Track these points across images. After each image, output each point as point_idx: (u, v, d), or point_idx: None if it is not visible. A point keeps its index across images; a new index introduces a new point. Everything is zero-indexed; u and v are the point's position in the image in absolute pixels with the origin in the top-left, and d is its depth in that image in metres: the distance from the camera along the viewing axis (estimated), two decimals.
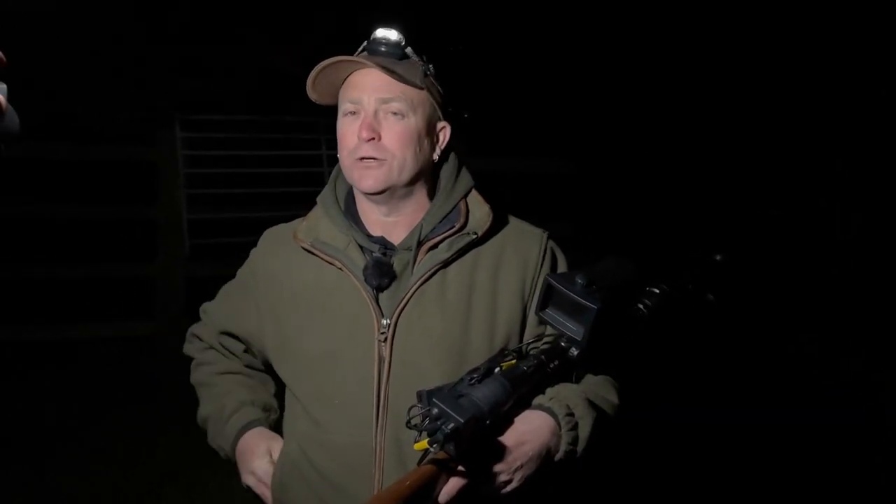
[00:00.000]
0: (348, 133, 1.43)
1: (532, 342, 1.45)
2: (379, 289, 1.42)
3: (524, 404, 1.36)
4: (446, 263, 1.44)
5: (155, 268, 5.30)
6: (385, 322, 1.41)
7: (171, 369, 1.65)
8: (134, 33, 6.50)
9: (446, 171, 1.51)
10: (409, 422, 1.20)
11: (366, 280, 1.42)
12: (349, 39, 1.52)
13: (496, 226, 1.49)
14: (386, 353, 1.41)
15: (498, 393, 1.24)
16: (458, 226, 1.46)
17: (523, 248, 1.50)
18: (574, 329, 1.30)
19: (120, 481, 3.43)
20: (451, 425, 1.16)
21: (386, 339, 1.41)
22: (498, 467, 1.28)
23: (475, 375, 1.27)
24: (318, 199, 1.53)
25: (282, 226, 1.58)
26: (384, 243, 1.45)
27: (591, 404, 1.40)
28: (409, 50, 1.45)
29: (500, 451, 1.27)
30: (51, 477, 3.49)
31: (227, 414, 1.56)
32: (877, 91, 6.52)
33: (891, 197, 6.43)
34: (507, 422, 1.32)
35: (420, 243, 1.44)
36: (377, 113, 1.41)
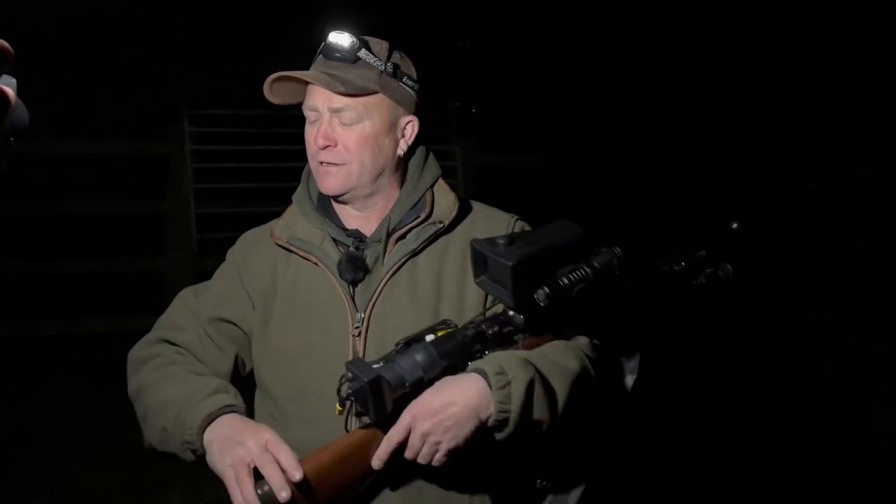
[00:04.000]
0: (309, 136, 1.49)
1: (480, 314, 1.45)
2: (353, 283, 1.45)
3: (457, 369, 1.35)
4: (415, 253, 1.47)
5: (163, 262, 5.32)
6: (359, 316, 1.43)
7: None
8: (143, 29, 6.51)
9: (414, 163, 1.54)
10: (338, 390, 1.26)
11: (340, 275, 1.45)
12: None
13: (463, 214, 1.52)
14: (360, 347, 1.43)
15: (421, 358, 1.27)
16: (423, 216, 1.49)
17: (491, 232, 1.49)
18: (504, 291, 1.32)
19: (130, 475, 3.45)
20: (357, 386, 1.22)
21: (360, 332, 1.43)
22: (425, 427, 1.27)
23: (401, 343, 1.31)
24: (294, 197, 1.57)
25: (257, 228, 1.60)
26: (359, 236, 1.49)
27: (529, 365, 1.32)
28: (362, 52, 1.45)
29: (428, 413, 1.27)
30: (62, 471, 3.50)
31: (204, 395, 1.37)
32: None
33: None
34: (440, 384, 1.31)
35: (389, 234, 1.47)
36: (332, 120, 1.45)
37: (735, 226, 1.55)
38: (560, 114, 7.15)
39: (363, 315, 1.43)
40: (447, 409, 1.27)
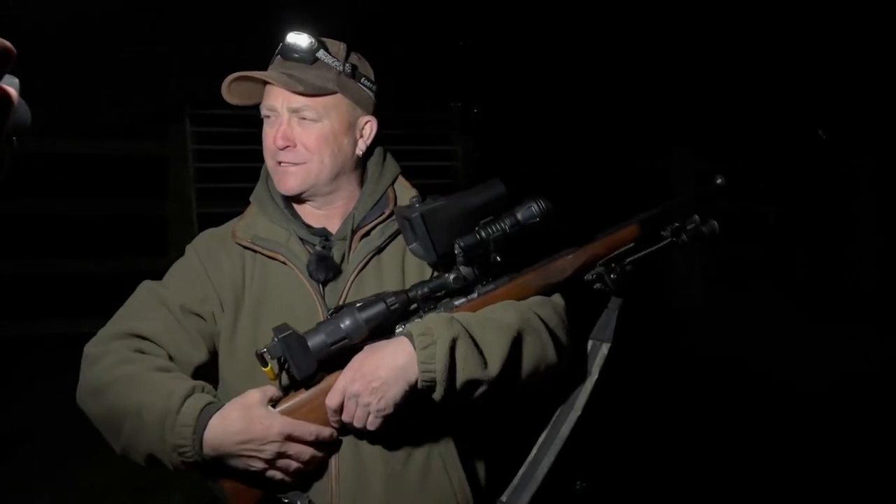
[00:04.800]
0: (267, 136, 1.50)
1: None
2: (324, 283, 1.47)
3: (392, 332, 1.37)
4: (380, 250, 1.49)
5: (166, 262, 5.31)
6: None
7: None
8: (144, 29, 6.51)
9: (373, 161, 1.56)
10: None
11: (311, 276, 1.46)
12: (355, 34, 1.53)
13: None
14: None
15: (346, 323, 1.32)
16: (387, 212, 1.51)
17: None
18: (424, 251, 1.37)
19: (130, 475, 3.44)
20: (273, 344, 1.30)
21: None
22: (355, 389, 1.31)
23: (331, 311, 1.38)
24: (252, 198, 1.57)
25: (215, 229, 1.59)
26: (325, 234, 1.50)
27: (455, 323, 1.32)
28: (321, 52, 1.47)
29: (356, 376, 1.32)
30: (62, 471, 3.51)
31: (181, 397, 1.34)
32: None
33: None
34: (371, 348, 1.35)
35: (353, 232, 1.49)
36: (290, 120, 1.47)
37: (720, 181, 1.54)
38: (562, 115, 7.15)
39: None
40: (375, 372, 1.31)
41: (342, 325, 1.32)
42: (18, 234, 5.06)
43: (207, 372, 1.50)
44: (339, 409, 1.34)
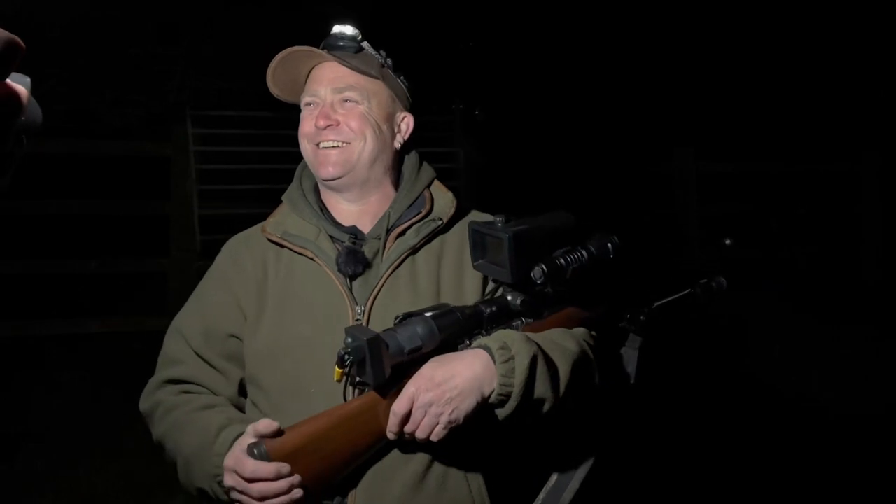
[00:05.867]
0: (307, 121, 1.50)
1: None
2: (353, 277, 1.46)
3: (455, 346, 1.36)
4: (415, 250, 1.48)
5: (167, 263, 5.33)
6: (359, 309, 1.43)
7: None
8: (147, 31, 6.53)
9: (409, 163, 1.57)
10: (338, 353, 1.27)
11: (340, 269, 1.45)
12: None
13: (459, 213, 1.55)
14: None
15: (420, 329, 1.29)
16: (424, 212, 1.51)
17: None
18: (501, 270, 1.36)
19: (132, 476, 3.45)
20: (355, 344, 1.23)
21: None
22: (428, 398, 1.28)
23: (400, 317, 1.33)
24: (284, 196, 1.57)
25: (242, 232, 1.61)
26: (355, 232, 1.50)
27: (532, 342, 1.33)
28: (365, 43, 1.51)
29: (431, 384, 1.29)
30: (64, 470, 3.51)
31: (216, 430, 1.37)
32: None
33: None
34: (443, 357, 1.33)
35: (388, 231, 1.48)
36: (333, 103, 1.48)
37: (728, 242, 1.67)
38: (564, 117, 7.15)
39: (363, 308, 1.43)
40: (450, 381, 1.28)
41: (418, 331, 1.28)
42: (20, 235, 5.07)
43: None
44: (405, 418, 1.30)
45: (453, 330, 1.33)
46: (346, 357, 1.24)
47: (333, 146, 1.47)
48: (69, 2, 5.53)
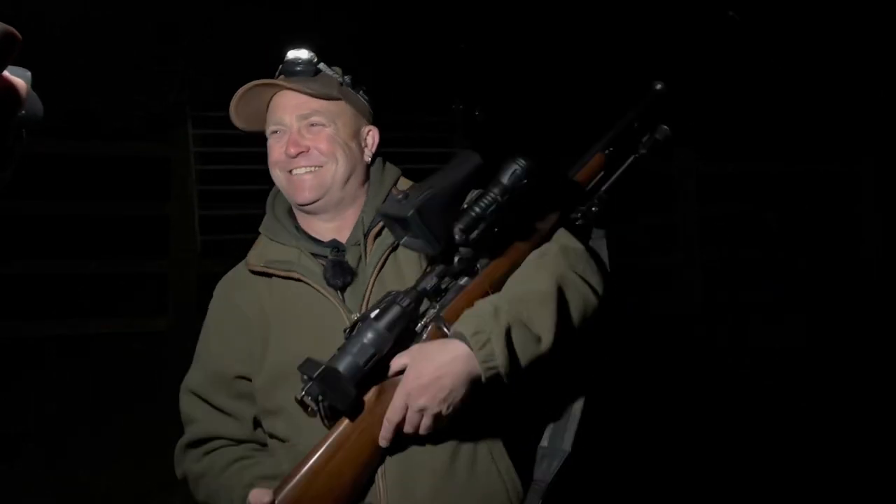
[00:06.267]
0: (275, 149, 1.52)
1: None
2: (343, 288, 1.48)
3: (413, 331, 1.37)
4: (394, 247, 1.50)
5: (167, 264, 5.33)
6: (355, 317, 1.43)
7: (184, 365, 1.63)
8: (147, 31, 6.53)
9: (375, 168, 1.59)
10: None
11: (329, 283, 1.47)
12: (356, 36, 1.54)
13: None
14: None
15: (369, 337, 1.29)
16: None
17: None
18: (422, 243, 1.35)
19: (132, 476, 3.45)
20: (307, 386, 1.27)
21: None
22: (421, 403, 1.32)
23: (347, 329, 1.35)
24: (261, 228, 1.59)
25: (228, 274, 1.63)
26: (336, 245, 1.52)
27: (501, 314, 1.34)
28: (321, 65, 1.53)
29: (420, 390, 1.31)
30: (64, 471, 3.51)
31: (242, 490, 1.43)
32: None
33: None
34: (422, 355, 1.34)
35: (366, 235, 1.51)
36: (300, 129, 1.50)
37: (659, 87, 1.60)
38: (564, 117, 7.15)
39: (358, 315, 1.43)
40: (439, 382, 1.31)
41: (366, 342, 1.30)
42: (21, 236, 5.07)
43: None
44: (400, 425, 1.34)
45: (402, 322, 1.33)
46: (307, 398, 1.28)
47: (307, 172, 1.50)
48: (69, 2, 5.53)
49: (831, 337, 5.17)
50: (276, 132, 1.53)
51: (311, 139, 1.50)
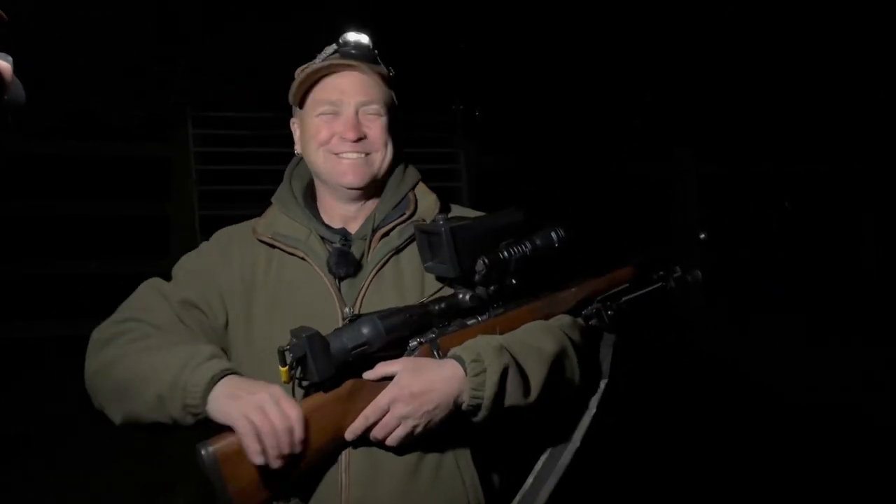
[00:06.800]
0: (323, 130, 1.49)
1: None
2: (342, 278, 1.48)
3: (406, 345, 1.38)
4: (398, 250, 1.50)
5: (168, 264, 5.32)
6: (347, 310, 1.45)
7: None
8: (148, 31, 6.52)
9: (398, 169, 1.59)
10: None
11: (331, 270, 1.47)
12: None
13: (443, 214, 1.56)
14: None
15: (367, 330, 1.32)
16: (408, 213, 1.54)
17: None
18: (445, 267, 1.39)
19: (133, 474, 3.46)
20: (296, 343, 1.27)
21: None
22: (404, 411, 1.32)
23: (348, 317, 1.38)
24: (274, 198, 1.58)
25: (232, 227, 1.61)
26: (345, 234, 1.52)
27: (505, 352, 1.35)
28: (376, 54, 1.53)
29: (408, 397, 1.32)
30: (66, 469, 3.52)
31: (202, 360, 1.33)
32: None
33: None
34: (417, 366, 1.35)
35: (374, 231, 1.51)
36: (359, 114, 1.50)
37: (703, 236, 1.63)
38: (564, 117, 7.15)
39: (351, 309, 1.45)
40: (427, 395, 1.32)
41: (363, 331, 1.32)
42: (21, 236, 5.07)
43: None
44: (374, 424, 1.34)
45: (402, 330, 1.35)
46: (287, 354, 1.27)
47: (358, 157, 1.49)
48: (69, 2, 5.52)
49: (829, 337, 5.17)
50: (325, 113, 1.50)
51: (368, 126, 1.49)
